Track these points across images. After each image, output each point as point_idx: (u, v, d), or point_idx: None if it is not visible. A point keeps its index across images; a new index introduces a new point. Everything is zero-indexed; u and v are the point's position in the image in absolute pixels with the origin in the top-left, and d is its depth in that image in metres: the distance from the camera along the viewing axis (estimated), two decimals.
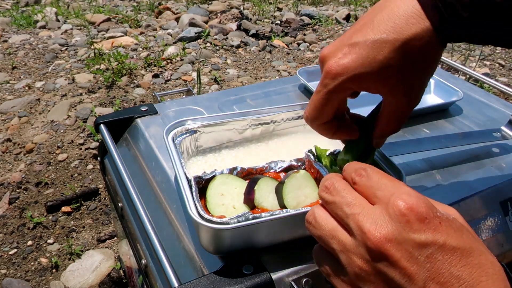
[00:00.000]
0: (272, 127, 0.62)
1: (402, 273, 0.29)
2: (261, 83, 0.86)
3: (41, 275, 1.25)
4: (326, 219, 0.35)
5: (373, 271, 0.31)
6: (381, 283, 0.30)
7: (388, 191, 0.32)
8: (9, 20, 2.97)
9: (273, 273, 0.45)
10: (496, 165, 0.63)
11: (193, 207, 0.44)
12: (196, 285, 0.43)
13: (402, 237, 0.30)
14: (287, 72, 2.41)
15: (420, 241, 0.30)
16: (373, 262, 0.30)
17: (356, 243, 0.32)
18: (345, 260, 0.32)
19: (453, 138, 0.67)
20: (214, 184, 0.49)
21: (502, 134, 0.68)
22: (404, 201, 0.31)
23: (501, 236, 0.58)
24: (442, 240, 0.30)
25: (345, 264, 0.32)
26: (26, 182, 1.56)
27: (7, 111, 1.95)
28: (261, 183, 0.49)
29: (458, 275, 0.29)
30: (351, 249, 0.32)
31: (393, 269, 0.30)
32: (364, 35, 0.41)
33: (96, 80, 2.18)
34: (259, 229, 0.45)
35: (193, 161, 0.58)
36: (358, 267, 0.31)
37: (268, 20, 3.28)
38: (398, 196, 0.31)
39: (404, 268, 0.29)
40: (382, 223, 0.31)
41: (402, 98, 0.43)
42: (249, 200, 0.48)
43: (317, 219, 0.35)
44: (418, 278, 0.29)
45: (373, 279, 0.31)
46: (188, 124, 0.57)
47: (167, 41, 2.67)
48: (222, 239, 0.45)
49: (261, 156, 0.60)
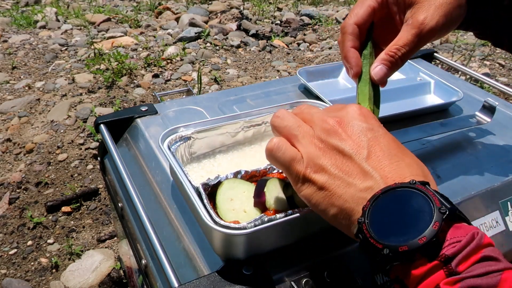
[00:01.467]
0: (264, 128, 0.62)
1: (350, 145, 0.38)
2: (261, 83, 0.86)
3: (41, 275, 1.25)
4: (293, 116, 0.43)
5: (327, 147, 0.39)
6: (334, 155, 0.38)
7: (341, 109, 0.42)
8: (9, 20, 2.97)
9: (273, 273, 0.45)
10: (475, 150, 0.68)
11: (207, 215, 0.44)
12: (196, 285, 0.43)
13: (353, 122, 0.40)
14: (287, 72, 2.41)
15: (368, 127, 0.39)
16: (328, 139, 0.39)
17: (316, 128, 0.41)
18: (306, 142, 0.40)
19: (435, 127, 0.70)
20: (222, 190, 0.49)
21: (477, 119, 0.72)
22: (359, 108, 0.42)
23: (501, 236, 0.58)
24: (383, 131, 0.40)
25: (305, 146, 0.40)
26: (26, 182, 1.56)
27: (7, 111, 1.95)
28: (269, 184, 0.48)
29: (395, 154, 0.38)
30: (312, 133, 0.41)
31: (344, 143, 0.38)
32: None
33: (96, 80, 2.18)
34: (277, 230, 0.45)
35: (189, 168, 0.58)
36: (317, 147, 0.39)
37: (268, 20, 3.28)
38: (353, 107, 0.42)
39: (352, 141, 0.38)
40: (339, 115, 0.41)
41: (420, 21, 0.48)
42: (259, 203, 0.47)
43: (285, 114, 0.43)
44: (363, 150, 0.38)
45: (328, 154, 0.39)
46: (181, 131, 0.57)
47: (167, 41, 2.67)
48: (242, 244, 0.44)
49: (256, 157, 0.60)
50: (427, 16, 0.47)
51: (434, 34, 0.49)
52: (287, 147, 0.41)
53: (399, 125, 0.72)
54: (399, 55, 0.49)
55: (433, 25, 0.48)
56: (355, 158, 0.37)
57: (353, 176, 0.37)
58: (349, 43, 0.51)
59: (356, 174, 0.37)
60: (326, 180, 0.38)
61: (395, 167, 0.37)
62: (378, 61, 0.50)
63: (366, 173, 0.37)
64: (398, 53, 0.49)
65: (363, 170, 0.37)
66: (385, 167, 0.37)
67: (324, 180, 0.38)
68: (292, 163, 0.40)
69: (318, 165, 0.38)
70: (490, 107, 0.71)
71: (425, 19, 0.47)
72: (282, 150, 0.41)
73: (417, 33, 0.48)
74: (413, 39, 0.48)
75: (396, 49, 0.49)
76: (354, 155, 0.38)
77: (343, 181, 0.37)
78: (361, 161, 0.37)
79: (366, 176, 0.36)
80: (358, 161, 0.37)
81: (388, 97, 0.79)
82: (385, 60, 0.49)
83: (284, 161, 0.41)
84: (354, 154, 0.38)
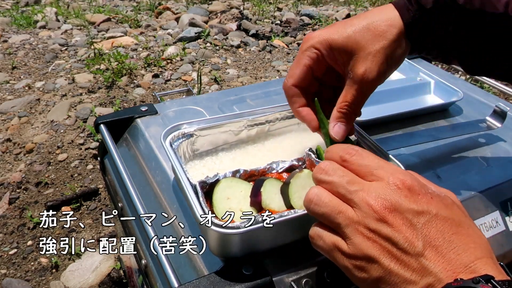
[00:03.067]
0: (267, 127, 0.62)
1: (404, 237, 0.34)
2: (261, 83, 0.86)
3: (41, 275, 1.25)
4: (329, 197, 0.38)
5: (378, 237, 0.35)
6: (386, 247, 0.34)
7: (385, 171, 0.37)
8: (9, 20, 2.97)
9: (273, 273, 0.45)
10: (482, 155, 0.66)
11: (202, 212, 0.44)
12: (196, 285, 0.43)
13: (402, 207, 0.35)
14: (287, 72, 2.41)
15: (417, 210, 0.35)
16: (379, 229, 0.35)
17: (362, 215, 0.35)
18: (351, 232, 0.36)
19: (443, 131, 0.68)
20: (219, 188, 0.49)
21: (487, 124, 0.70)
22: (401, 180, 0.36)
23: (501, 236, 0.58)
24: (435, 211, 0.35)
25: (351, 235, 0.36)
26: (26, 182, 1.56)
27: (7, 111, 1.95)
28: (266, 184, 0.48)
29: (450, 240, 0.34)
30: (357, 220, 0.36)
31: (397, 234, 0.34)
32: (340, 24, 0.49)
33: (96, 80, 2.18)
34: (272, 231, 0.45)
35: (191, 165, 0.58)
36: (365, 236, 0.35)
37: (268, 20, 3.28)
38: (396, 176, 0.36)
39: (405, 232, 0.34)
40: (385, 196, 0.35)
41: (360, 76, 0.47)
42: (256, 202, 0.48)
43: (320, 197, 0.38)
44: (417, 242, 0.34)
45: (378, 245, 0.35)
46: (184, 128, 0.57)
47: (167, 41, 2.67)
48: (237, 244, 0.44)
49: (258, 156, 0.60)
50: (366, 68, 0.46)
51: (378, 82, 0.48)
52: (327, 235, 0.38)
53: (399, 125, 0.72)
54: (350, 111, 0.48)
55: (374, 76, 0.46)
56: (410, 251, 0.34)
57: (411, 271, 0.34)
58: (296, 104, 0.51)
59: (414, 269, 0.34)
60: (381, 274, 0.35)
61: (454, 256, 0.34)
62: (334, 120, 0.49)
63: (424, 268, 0.34)
64: (349, 109, 0.48)
65: (420, 264, 0.34)
66: (443, 258, 0.34)
67: (378, 274, 0.35)
68: (334, 253, 0.37)
69: (368, 257, 0.35)
70: (502, 112, 0.70)
71: (364, 72, 0.46)
72: (323, 238, 0.38)
73: (360, 87, 0.47)
74: (359, 93, 0.47)
75: (346, 106, 0.48)
76: (409, 247, 0.34)
77: (400, 277, 0.34)
78: (417, 254, 0.34)
79: (425, 271, 0.34)
80: (414, 254, 0.34)
81: (388, 97, 0.79)
82: (339, 118, 0.49)
83: (325, 251, 0.38)
84: (409, 247, 0.34)
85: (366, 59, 0.46)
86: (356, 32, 0.46)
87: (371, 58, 0.46)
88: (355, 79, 0.47)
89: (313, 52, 0.48)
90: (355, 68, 0.47)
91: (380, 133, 0.70)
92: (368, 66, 0.46)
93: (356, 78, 0.47)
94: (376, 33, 0.46)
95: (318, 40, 0.48)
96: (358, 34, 0.46)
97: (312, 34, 0.49)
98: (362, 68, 0.46)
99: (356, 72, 0.46)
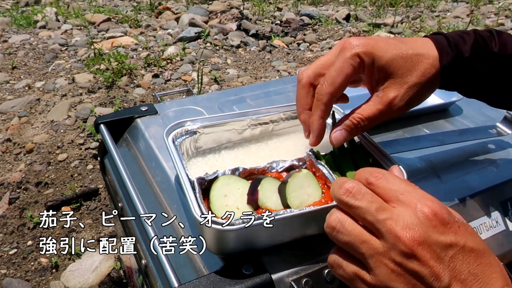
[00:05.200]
0: (271, 127, 0.62)
1: (431, 272, 0.33)
2: (261, 83, 0.86)
3: (41, 275, 1.25)
4: (353, 225, 0.36)
5: (404, 271, 0.34)
6: (411, 281, 0.34)
7: (412, 197, 0.36)
8: (9, 20, 2.97)
9: (273, 273, 0.45)
10: (492, 162, 0.64)
11: (197, 209, 0.44)
12: (196, 285, 0.43)
13: (431, 240, 0.34)
14: (287, 72, 2.41)
15: (446, 242, 0.34)
16: (405, 263, 0.34)
17: (388, 246, 0.34)
18: (375, 263, 0.35)
19: (451, 135, 0.68)
20: (217, 186, 0.49)
21: (497, 131, 0.70)
22: (430, 207, 0.35)
23: (501, 236, 0.58)
24: (462, 242, 0.34)
25: (374, 267, 0.35)
26: (26, 182, 1.56)
27: (7, 111, 1.95)
28: (264, 183, 0.49)
29: (475, 273, 0.33)
30: (382, 252, 0.34)
31: (424, 268, 0.33)
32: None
33: (96, 80, 2.18)
34: (264, 230, 0.44)
35: (193, 162, 0.58)
36: (390, 269, 0.34)
37: (268, 20, 3.28)
38: (424, 203, 0.35)
39: (432, 267, 0.33)
40: (413, 227, 0.34)
41: (390, 99, 0.47)
42: (252, 200, 0.48)
43: (343, 224, 0.37)
44: (444, 276, 0.33)
45: (403, 278, 0.34)
46: (187, 125, 0.57)
47: (167, 41, 2.67)
48: (228, 241, 0.44)
49: (261, 156, 0.60)
50: (398, 95, 0.46)
51: (401, 113, 0.48)
52: (347, 265, 0.37)
53: (398, 125, 0.72)
54: (361, 125, 0.48)
55: (401, 106, 0.47)
56: (435, 285, 0.33)
57: None
58: (321, 113, 0.49)
59: None
60: None
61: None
62: (340, 126, 0.49)
63: None
64: (361, 123, 0.48)
65: None
66: None
67: None
68: (355, 282, 0.37)
69: None
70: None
71: (394, 98, 0.46)
72: (342, 268, 0.38)
73: (384, 109, 0.47)
74: (378, 114, 0.47)
75: (359, 119, 0.48)
76: (434, 282, 0.33)
77: None
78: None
79: None
80: None
81: None
82: (347, 126, 0.49)
83: (346, 279, 0.38)
84: (435, 281, 0.33)
85: (401, 87, 0.47)
86: (400, 57, 0.46)
87: (406, 88, 0.47)
88: (383, 100, 0.47)
89: (356, 61, 0.47)
90: (387, 90, 0.47)
91: (380, 132, 0.70)
92: (402, 94, 0.47)
93: (384, 100, 0.47)
94: (418, 67, 0.47)
95: (363, 51, 0.46)
96: (401, 61, 0.46)
97: (354, 42, 0.47)
98: (394, 93, 0.47)
99: (387, 94, 0.47)
